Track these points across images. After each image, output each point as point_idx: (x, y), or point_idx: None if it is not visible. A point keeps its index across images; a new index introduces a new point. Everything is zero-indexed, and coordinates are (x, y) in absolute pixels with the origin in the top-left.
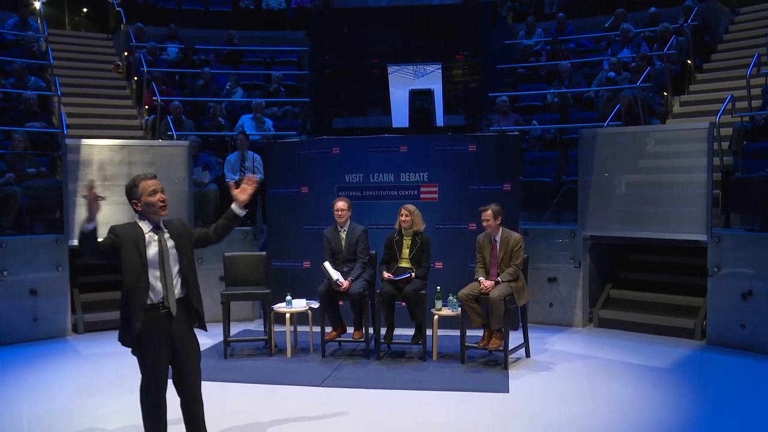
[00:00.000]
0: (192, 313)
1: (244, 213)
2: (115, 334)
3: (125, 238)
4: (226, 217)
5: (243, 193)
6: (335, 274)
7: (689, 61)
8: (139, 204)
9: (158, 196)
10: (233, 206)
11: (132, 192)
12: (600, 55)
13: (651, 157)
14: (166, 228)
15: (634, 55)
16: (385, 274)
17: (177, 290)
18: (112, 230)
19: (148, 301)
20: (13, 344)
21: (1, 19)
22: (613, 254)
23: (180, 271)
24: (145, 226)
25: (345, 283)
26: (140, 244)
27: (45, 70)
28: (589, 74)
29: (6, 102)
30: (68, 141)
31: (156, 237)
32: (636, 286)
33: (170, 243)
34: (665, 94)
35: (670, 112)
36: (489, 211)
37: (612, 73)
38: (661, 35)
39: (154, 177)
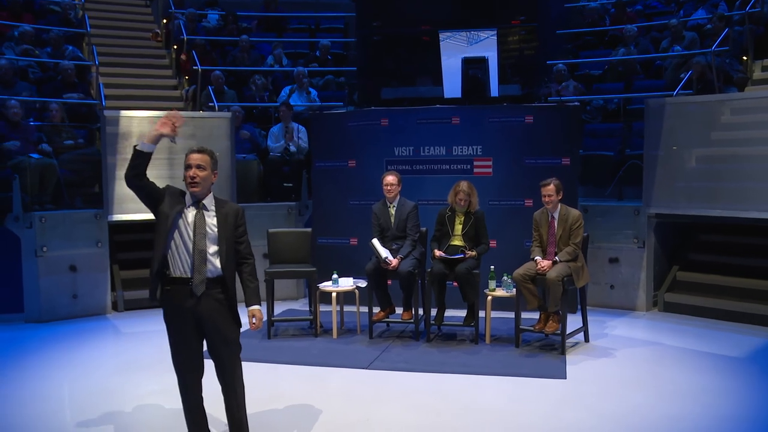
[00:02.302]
0: (228, 297)
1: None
2: (156, 312)
3: (168, 198)
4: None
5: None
6: (384, 252)
7: None
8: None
9: (190, 171)
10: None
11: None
12: (670, 18)
13: (725, 129)
14: (214, 207)
15: (710, 15)
16: (437, 252)
17: (209, 270)
18: (166, 186)
19: (170, 273)
20: (53, 321)
21: None
22: (680, 234)
23: (218, 253)
24: (188, 199)
25: (394, 262)
26: (177, 211)
27: (82, 39)
28: (657, 38)
29: (43, 72)
30: (107, 113)
31: (194, 211)
32: (706, 268)
33: (211, 221)
34: (744, 58)
35: (749, 79)
36: (551, 186)
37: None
38: None
39: (201, 151)
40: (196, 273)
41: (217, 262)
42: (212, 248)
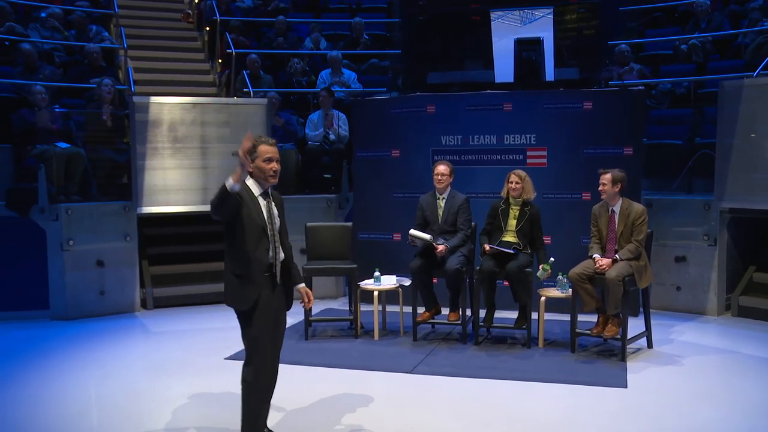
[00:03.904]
0: (287, 287)
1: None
2: (185, 310)
3: (246, 198)
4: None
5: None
6: (427, 236)
7: None
8: (251, 165)
9: (272, 165)
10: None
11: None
12: None
13: None
14: (271, 195)
15: None
16: (487, 246)
17: (280, 256)
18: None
19: (260, 266)
20: (80, 319)
21: None
22: (757, 231)
23: (282, 240)
24: (255, 189)
25: (441, 247)
26: (256, 206)
27: (110, 21)
28: (736, 13)
29: (69, 56)
30: (136, 99)
31: (265, 202)
32: None
33: (275, 211)
34: None
35: None
36: (609, 175)
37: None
38: None
39: (275, 144)
40: (276, 261)
41: (282, 248)
42: (278, 236)
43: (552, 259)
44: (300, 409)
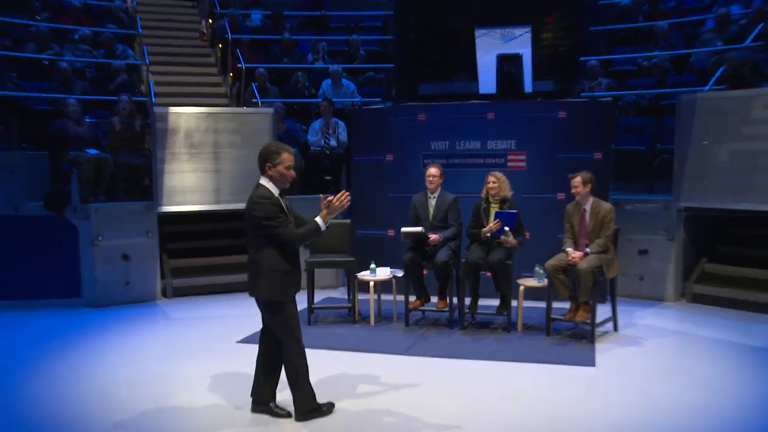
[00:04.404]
0: None
1: (326, 228)
2: (201, 298)
3: (283, 205)
4: (311, 226)
5: (332, 212)
6: (417, 228)
7: None
8: (272, 169)
9: (292, 172)
10: (318, 219)
11: (272, 157)
12: (704, 14)
13: (757, 124)
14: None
15: (747, 11)
16: (484, 230)
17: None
18: (274, 202)
19: (296, 261)
20: (108, 306)
21: None
22: (710, 227)
23: None
24: (274, 191)
25: (434, 236)
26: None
27: (134, 40)
28: (690, 35)
29: (98, 72)
30: (156, 109)
31: (285, 202)
32: (734, 261)
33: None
34: None
35: None
36: (578, 178)
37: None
38: None
39: (293, 153)
40: (300, 255)
41: None
42: None
43: (506, 228)
44: None
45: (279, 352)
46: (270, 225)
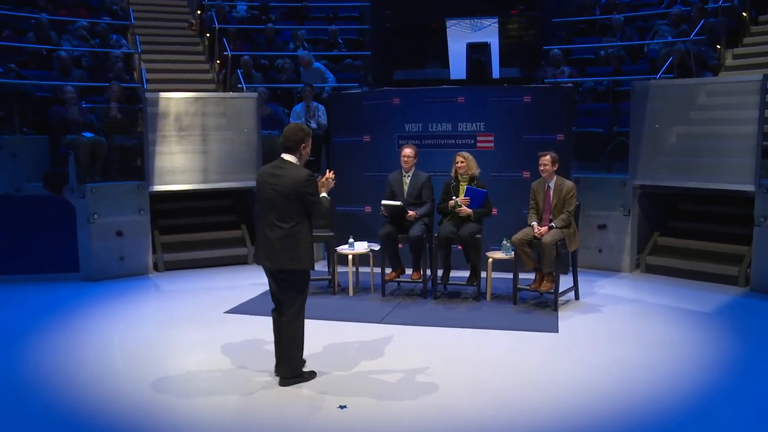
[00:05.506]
0: None
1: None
2: (191, 272)
3: None
4: (325, 201)
5: (326, 188)
6: (396, 202)
7: (744, 14)
8: (305, 149)
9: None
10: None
11: (306, 139)
12: (654, 9)
13: (702, 110)
14: None
15: (689, 8)
16: (451, 201)
17: None
18: (312, 174)
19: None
20: (103, 280)
21: None
22: (662, 203)
23: None
24: None
25: (412, 212)
26: None
27: (127, 30)
28: (643, 27)
29: (93, 60)
30: (148, 95)
31: None
32: (683, 234)
33: None
34: (718, 47)
35: (722, 66)
36: (548, 157)
37: (666, 28)
38: None
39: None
40: None
41: None
42: None
43: (455, 198)
44: None
45: None
46: (316, 200)
